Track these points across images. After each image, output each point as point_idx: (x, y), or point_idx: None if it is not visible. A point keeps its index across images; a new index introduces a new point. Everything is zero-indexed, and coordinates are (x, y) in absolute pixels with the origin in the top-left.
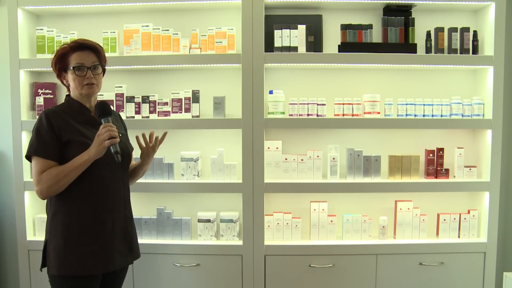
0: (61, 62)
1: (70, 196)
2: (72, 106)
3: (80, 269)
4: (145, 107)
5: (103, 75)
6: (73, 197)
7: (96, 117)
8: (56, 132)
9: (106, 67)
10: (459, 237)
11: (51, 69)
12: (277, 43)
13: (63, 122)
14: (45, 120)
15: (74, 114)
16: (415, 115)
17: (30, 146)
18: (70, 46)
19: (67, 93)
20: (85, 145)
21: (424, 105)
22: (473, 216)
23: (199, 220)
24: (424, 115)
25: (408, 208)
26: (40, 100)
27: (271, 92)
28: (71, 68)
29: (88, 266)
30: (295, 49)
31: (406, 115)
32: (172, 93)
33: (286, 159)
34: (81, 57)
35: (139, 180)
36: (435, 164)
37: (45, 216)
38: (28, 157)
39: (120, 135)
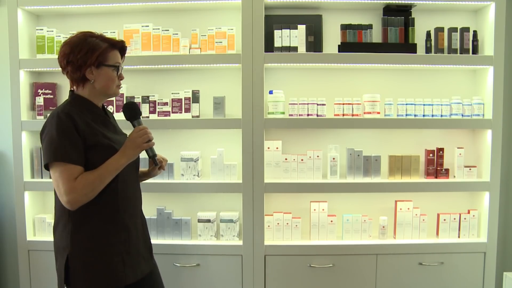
0: (100, 55)
1: (95, 204)
2: (86, 106)
3: (112, 281)
4: (145, 107)
5: None
6: (99, 205)
7: (107, 117)
8: (81, 135)
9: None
10: (459, 237)
11: (52, 69)
12: (277, 43)
13: (85, 124)
14: (70, 122)
15: (92, 115)
16: (415, 115)
17: (54, 151)
18: (110, 43)
19: (71, 89)
20: (111, 148)
21: (424, 105)
22: (473, 216)
23: (199, 220)
24: (424, 115)
25: (408, 208)
26: (40, 100)
27: (271, 92)
28: (110, 65)
29: (120, 277)
30: (295, 49)
31: (406, 115)
32: (172, 93)
33: (286, 159)
34: (118, 57)
35: None
36: (435, 164)
37: (45, 216)
38: (47, 165)
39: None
